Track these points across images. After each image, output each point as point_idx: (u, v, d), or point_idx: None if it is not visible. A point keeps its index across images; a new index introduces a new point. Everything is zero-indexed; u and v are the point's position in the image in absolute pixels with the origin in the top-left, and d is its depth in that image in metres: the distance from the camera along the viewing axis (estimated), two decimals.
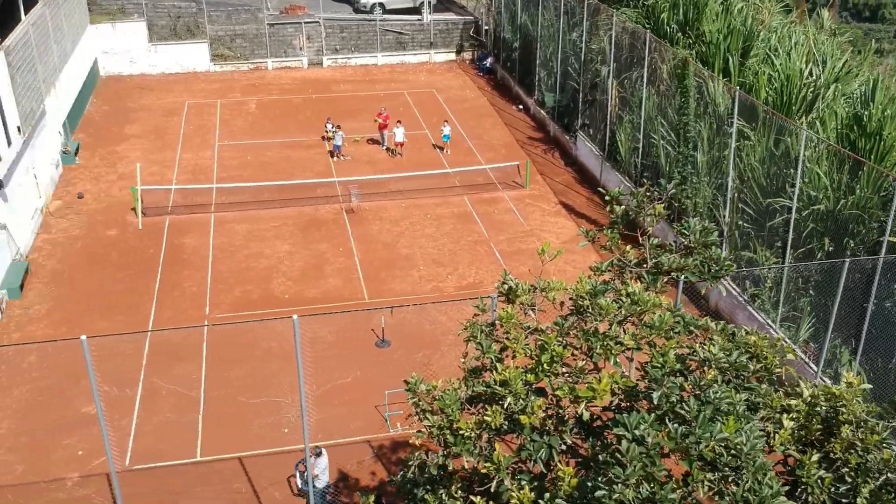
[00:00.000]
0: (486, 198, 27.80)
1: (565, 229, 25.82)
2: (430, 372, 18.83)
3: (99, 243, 24.82)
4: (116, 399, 18.23)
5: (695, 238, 10.04)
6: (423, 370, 18.93)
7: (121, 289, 22.51)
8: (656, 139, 24.84)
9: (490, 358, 9.06)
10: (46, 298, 22.05)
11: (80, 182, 28.76)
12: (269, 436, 17.17)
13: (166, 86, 38.48)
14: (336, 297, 22.16)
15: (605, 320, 8.84)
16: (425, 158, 30.80)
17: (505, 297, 9.75)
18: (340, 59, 41.43)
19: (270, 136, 32.78)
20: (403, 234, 25.37)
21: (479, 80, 39.91)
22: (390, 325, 20.47)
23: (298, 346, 12.19)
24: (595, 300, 8.93)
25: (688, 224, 10.25)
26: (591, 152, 28.99)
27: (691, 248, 10.12)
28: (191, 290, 22.45)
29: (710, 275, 10.00)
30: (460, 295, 22.14)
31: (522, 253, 24.38)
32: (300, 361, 12.35)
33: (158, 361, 19.42)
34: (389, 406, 17.74)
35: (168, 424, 17.56)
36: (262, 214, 26.54)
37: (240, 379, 18.79)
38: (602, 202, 27.02)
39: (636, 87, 26.82)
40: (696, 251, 10.09)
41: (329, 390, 18.47)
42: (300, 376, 12.49)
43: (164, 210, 26.70)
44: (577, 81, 30.51)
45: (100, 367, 18.98)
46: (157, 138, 32.45)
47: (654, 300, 8.79)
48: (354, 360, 19.47)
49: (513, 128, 33.96)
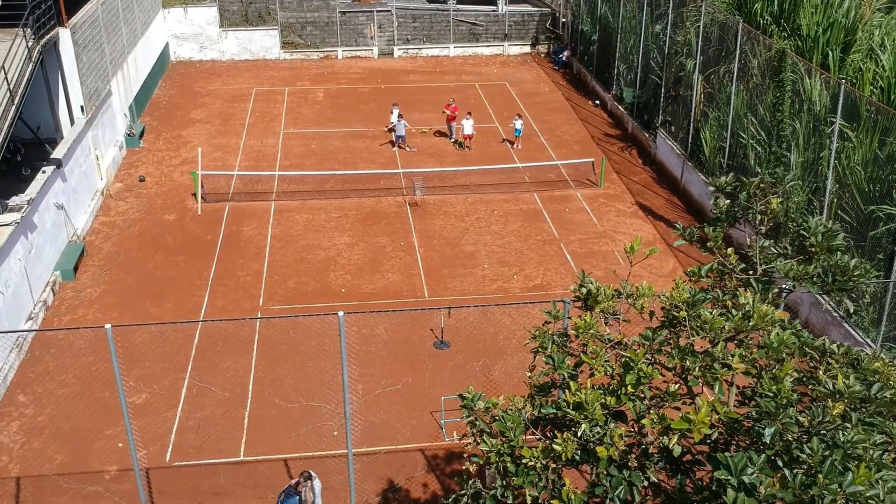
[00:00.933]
0: (557, 195, 26.31)
1: (642, 232, 24.16)
2: (490, 382, 17.52)
3: (156, 227, 24.21)
4: (162, 390, 17.43)
5: (817, 241, 8.43)
6: (483, 379, 17.64)
7: (174, 275, 21.80)
8: (745, 138, 22.97)
9: (562, 374, 7.66)
10: (99, 281, 21.48)
11: (142, 165, 28.32)
12: (317, 438, 16.09)
13: (235, 72, 38.02)
14: (394, 293, 21.02)
15: (705, 336, 7.36)
16: (494, 152, 29.47)
17: (582, 303, 8.31)
18: (412, 50, 40.38)
19: (336, 126, 31.89)
20: (468, 231, 24.09)
21: (554, 73, 38.35)
22: (450, 326, 19.23)
23: (344, 345, 11.02)
24: (694, 311, 7.45)
25: (807, 224, 8.64)
26: (672, 151, 27.23)
27: (810, 253, 8.52)
28: (245, 280, 21.61)
29: (836, 286, 8.40)
30: (526, 297, 20.77)
31: (595, 255, 22.84)
32: (345, 363, 11.18)
33: (207, 353, 18.57)
34: (446, 413, 16.49)
35: (213, 419, 16.65)
36: (322, 204, 25.60)
37: (290, 375, 17.79)
38: (679, 201, 25.53)
39: (724, 83, 24.97)
40: (817, 256, 8.49)
41: (381, 392, 17.31)
42: (344, 379, 11.32)
43: (224, 196, 26.00)
44: (660, 76, 28.75)
45: (147, 356, 18.28)
46: (221, 124, 31.89)
47: (772, 315, 7.28)
48: (410, 362, 18.28)
49: (588, 123, 32.34)
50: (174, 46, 39.01)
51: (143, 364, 18.09)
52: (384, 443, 15.99)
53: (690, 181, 25.86)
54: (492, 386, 17.36)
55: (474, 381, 17.58)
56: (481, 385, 17.43)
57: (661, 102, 28.42)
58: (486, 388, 17.25)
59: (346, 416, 11.53)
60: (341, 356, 11.11)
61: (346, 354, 11.14)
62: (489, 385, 17.40)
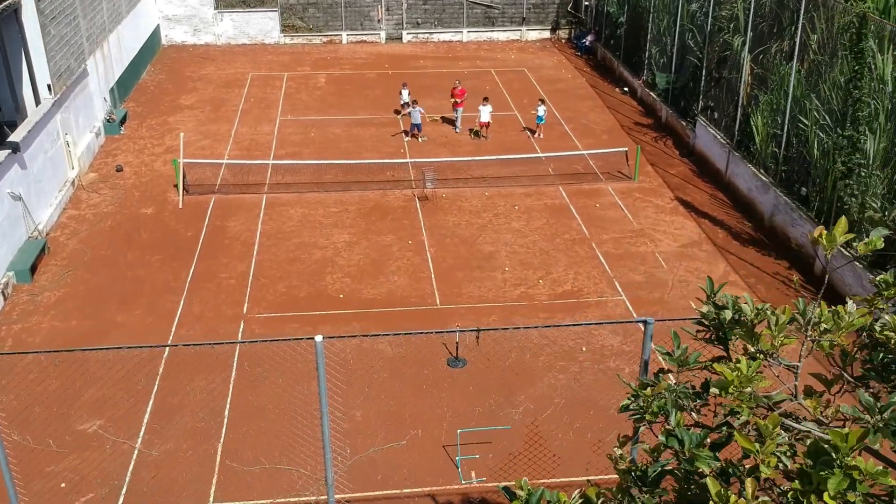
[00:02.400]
0: (585, 189, 23.27)
1: (684, 229, 21.10)
2: (519, 416, 14.46)
3: (131, 222, 21.28)
4: (120, 417, 14.46)
5: None
6: (507, 405, 14.61)
7: (147, 275, 18.86)
8: (808, 124, 19.87)
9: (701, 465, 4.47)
10: (60, 283, 18.55)
11: (121, 154, 25.41)
12: (305, 479, 13.09)
13: (230, 57, 35.12)
14: (400, 299, 18.03)
15: None
16: (513, 142, 26.45)
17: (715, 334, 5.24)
18: (422, 34, 37.38)
19: (338, 112, 28.94)
20: (486, 228, 21.07)
21: (577, 60, 35.29)
22: (466, 340, 16.22)
23: (322, 373, 7.98)
24: None
25: None
26: (715, 140, 24.14)
27: None
28: (228, 283, 18.64)
29: None
30: (555, 305, 17.74)
31: (632, 257, 19.78)
32: (324, 393, 8.14)
33: (178, 369, 15.60)
34: (462, 448, 13.48)
35: (178, 454, 13.67)
36: (320, 198, 22.62)
37: (275, 399, 14.80)
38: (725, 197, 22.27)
39: (779, 62, 21.89)
40: None
41: (381, 420, 14.30)
42: (323, 412, 8.28)
43: (210, 188, 23.05)
44: (700, 57, 25.67)
45: (105, 374, 15.33)
46: (213, 110, 28.98)
47: None
48: (417, 383, 15.28)
49: (616, 112, 29.28)
50: (165, 29, 36.13)
51: (99, 384, 15.12)
52: (386, 486, 12.98)
53: (737, 174, 22.77)
54: (525, 423, 14.34)
55: (497, 410, 14.56)
56: (505, 415, 14.41)
57: (702, 87, 25.34)
58: (517, 423, 14.24)
59: (329, 484, 8.50)
60: (319, 388, 8.06)
61: (325, 385, 8.10)
62: (521, 423, 14.37)
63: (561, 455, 13.49)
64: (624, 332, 16.79)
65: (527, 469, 13.18)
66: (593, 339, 16.63)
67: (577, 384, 15.27)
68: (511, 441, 13.82)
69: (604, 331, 16.83)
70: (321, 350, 7.64)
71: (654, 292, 18.33)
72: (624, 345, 16.45)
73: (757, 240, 20.71)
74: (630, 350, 16.27)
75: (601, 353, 16.25)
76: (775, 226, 20.74)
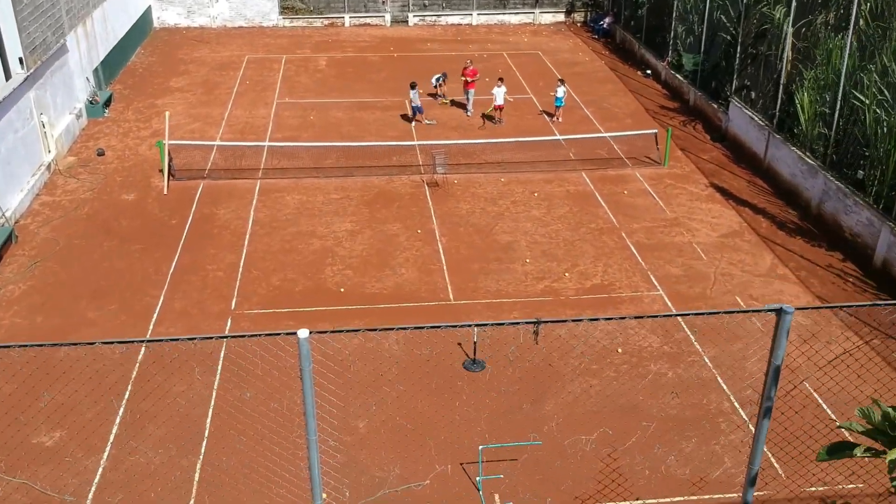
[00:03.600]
0: (611, 175, 21.19)
1: (722, 218, 19.02)
2: (550, 428, 12.37)
3: (110, 209, 19.25)
4: (85, 425, 12.40)
5: None
6: (534, 417, 12.53)
7: (125, 267, 16.82)
8: (865, 100, 17.77)
9: None
10: (27, 275, 16.51)
11: (104, 137, 23.38)
12: (295, 501, 11.03)
13: (226, 39, 33.11)
14: (409, 293, 15.97)
15: None
16: (530, 127, 24.39)
17: None
18: (429, 17, 35.33)
19: (340, 96, 26.91)
20: (503, 217, 19.01)
21: (594, 43, 33.22)
22: (486, 338, 14.18)
23: (308, 382, 5.85)
24: None
25: None
26: (752, 122, 22.05)
27: None
28: (215, 276, 16.59)
29: None
30: (583, 301, 15.66)
31: (668, 248, 17.70)
32: (311, 410, 6.02)
33: (154, 372, 13.53)
34: (484, 466, 11.41)
35: (150, 470, 11.61)
36: (319, 184, 20.57)
37: (263, 406, 12.72)
38: None
39: (826, 34, 19.83)
40: None
41: (387, 433, 12.23)
42: (310, 426, 6.14)
43: (198, 173, 21.01)
44: (734, 33, 23.58)
45: (72, 375, 13.26)
46: (205, 93, 26.96)
47: None
48: (430, 389, 13.20)
49: (639, 95, 27.20)
50: (158, 11, 34.12)
51: (64, 387, 13.06)
52: None
53: (778, 158, 20.68)
54: (554, 433, 12.25)
55: (524, 421, 12.48)
56: (533, 427, 12.32)
57: (736, 65, 23.24)
58: (545, 434, 12.15)
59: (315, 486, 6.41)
60: (304, 395, 5.94)
61: (311, 390, 5.99)
62: (552, 437, 12.28)
63: (603, 474, 11.41)
64: (664, 332, 14.71)
65: (562, 492, 11.12)
66: (630, 338, 14.55)
67: (613, 391, 13.19)
68: (542, 458, 11.75)
69: (642, 329, 14.76)
70: (306, 350, 5.51)
71: (695, 286, 16.25)
72: (665, 346, 14.37)
73: (804, 229, 18.62)
74: (672, 352, 14.20)
75: (639, 354, 14.16)
76: (824, 213, 18.65)
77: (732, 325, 14.69)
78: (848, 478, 11.10)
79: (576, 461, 11.70)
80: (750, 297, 15.85)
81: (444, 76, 26.02)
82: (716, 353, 14.17)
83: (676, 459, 11.80)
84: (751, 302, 15.69)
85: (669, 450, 11.96)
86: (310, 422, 5.59)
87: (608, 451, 11.87)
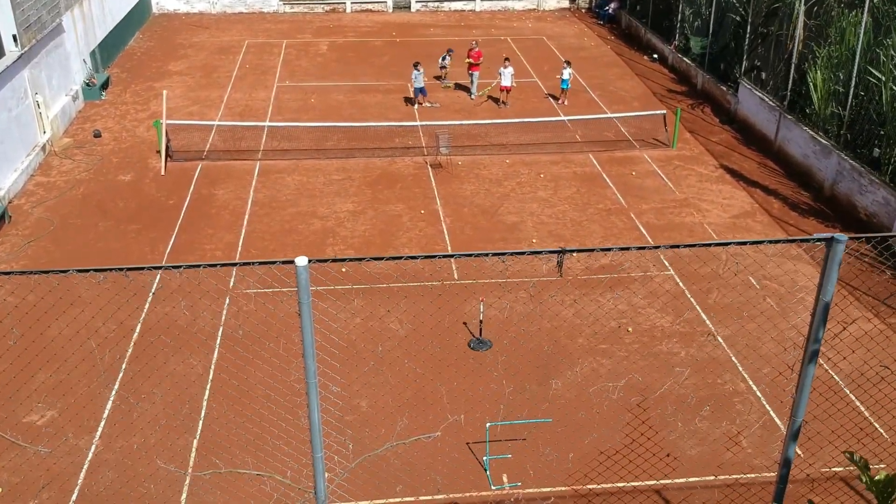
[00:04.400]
0: (618, 157, 20.73)
1: (734, 199, 18.56)
2: (558, 407, 11.93)
3: (106, 190, 18.81)
4: (77, 404, 11.96)
5: None
6: (541, 397, 12.09)
7: (121, 248, 16.39)
8: (882, 76, 17.30)
9: None
10: (19, 255, 16.08)
11: (101, 119, 22.93)
12: (295, 485, 10.58)
13: (226, 25, 32.67)
14: (412, 273, 15.52)
15: None
16: (535, 109, 23.93)
17: None
18: (431, 3, 34.87)
19: (341, 79, 26.45)
20: (508, 197, 18.56)
21: (599, 28, 32.75)
22: (492, 316, 13.74)
23: (307, 310, 5.33)
24: None
25: None
26: (762, 104, 21.57)
27: None
28: (213, 255, 16.16)
29: None
30: (592, 281, 15.22)
31: (678, 228, 17.26)
32: (309, 341, 5.48)
33: (150, 348, 13.10)
34: (491, 446, 10.97)
35: (145, 451, 11.17)
36: (320, 165, 20.13)
37: (263, 382, 12.28)
38: None
39: (839, 11, 19.36)
40: None
41: (389, 414, 11.79)
42: (309, 368, 5.63)
43: (197, 154, 20.56)
44: (743, 14, 23.11)
45: (64, 353, 12.85)
46: (204, 76, 26.51)
47: None
48: (434, 369, 12.75)
49: (646, 79, 26.73)
50: None
51: (56, 365, 12.64)
52: (395, 493, 10.47)
53: (789, 139, 20.21)
54: (563, 410, 11.81)
55: (531, 400, 12.04)
56: (540, 406, 11.88)
57: (745, 46, 22.76)
58: (553, 412, 11.71)
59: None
60: (304, 343, 5.45)
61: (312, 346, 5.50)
62: (563, 418, 11.84)
63: (613, 453, 10.96)
64: (674, 312, 14.27)
65: (573, 471, 10.67)
66: (640, 318, 14.10)
67: (624, 371, 12.74)
68: (552, 437, 11.31)
69: (652, 309, 14.31)
70: (305, 279, 4.94)
71: (705, 266, 15.78)
72: (676, 325, 13.92)
73: (818, 210, 18.17)
74: (684, 331, 13.75)
75: (650, 334, 13.72)
76: (838, 194, 18.20)
77: (747, 304, 14.25)
78: (870, 459, 10.64)
79: (587, 441, 11.24)
80: (763, 277, 15.39)
81: (450, 52, 25.61)
82: (730, 332, 13.72)
83: (690, 439, 11.35)
84: (765, 282, 15.23)
85: (683, 430, 11.51)
86: (309, 363, 5.14)
87: (621, 431, 11.42)
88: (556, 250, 5.66)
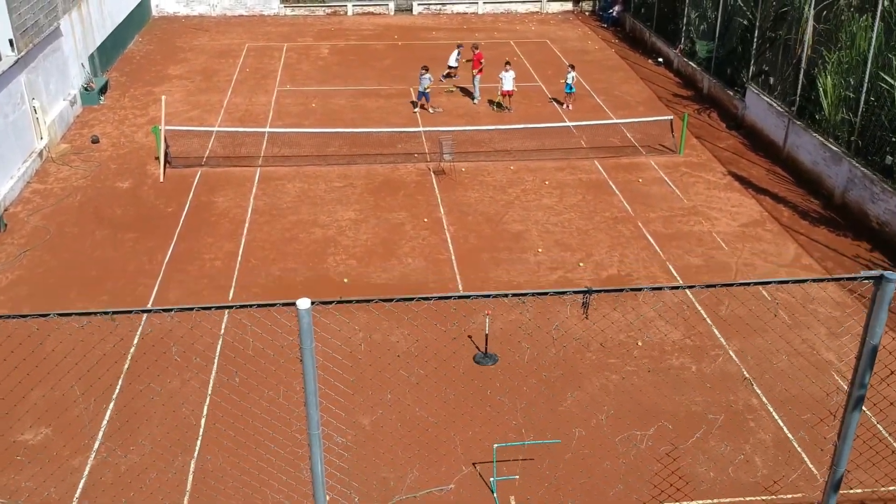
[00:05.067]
0: (624, 163, 20.39)
1: (742, 207, 18.22)
2: (568, 426, 11.56)
3: (104, 197, 18.48)
4: (72, 423, 11.63)
5: None
6: (552, 416, 11.74)
7: (118, 257, 16.06)
8: (893, 82, 16.96)
9: None
10: (14, 265, 15.74)
11: (99, 125, 22.61)
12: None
13: (226, 28, 32.36)
14: (416, 285, 15.19)
15: None
16: (539, 114, 23.60)
17: None
18: (434, 5, 34.54)
19: (343, 83, 26.13)
20: (513, 205, 18.22)
21: (603, 31, 32.42)
22: (498, 329, 13.40)
23: (309, 355, 5.05)
24: None
25: None
26: (770, 109, 21.24)
27: None
28: (212, 265, 15.82)
29: None
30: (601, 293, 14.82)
31: (687, 237, 16.91)
32: (312, 388, 5.19)
33: (147, 366, 12.76)
34: (498, 467, 10.62)
35: (140, 473, 10.83)
36: (322, 172, 19.80)
37: (263, 401, 11.94)
38: None
39: (850, 15, 19.02)
40: None
41: (392, 431, 11.45)
42: (311, 418, 5.35)
43: (196, 160, 20.23)
44: (751, 18, 22.77)
45: (60, 370, 12.51)
46: (204, 80, 26.19)
47: None
48: (438, 384, 12.41)
49: (651, 83, 26.40)
50: None
51: (52, 381, 12.31)
52: None
53: (799, 145, 19.87)
54: (573, 432, 11.46)
55: (540, 419, 11.69)
56: (549, 425, 11.54)
57: (753, 51, 22.42)
58: (563, 433, 11.36)
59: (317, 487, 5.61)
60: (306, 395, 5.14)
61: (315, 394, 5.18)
62: (566, 429, 11.48)
63: (627, 475, 10.61)
64: (685, 325, 13.92)
65: (583, 493, 10.33)
66: (649, 332, 13.76)
67: (633, 387, 12.40)
68: (561, 457, 10.96)
69: (661, 322, 13.96)
70: (307, 323, 4.63)
71: (716, 277, 15.45)
72: (687, 339, 13.58)
73: (828, 218, 17.82)
74: (694, 345, 13.41)
75: (660, 348, 13.37)
76: (849, 202, 17.85)
77: (755, 318, 13.91)
78: (893, 480, 10.30)
79: (599, 462, 10.90)
80: (776, 287, 15.04)
81: (460, 47, 25.59)
82: (741, 346, 13.38)
83: (703, 459, 11.01)
84: (777, 293, 14.88)
85: (696, 448, 11.17)
86: (311, 412, 4.82)
87: (633, 450, 11.07)
88: (583, 290, 5.28)
